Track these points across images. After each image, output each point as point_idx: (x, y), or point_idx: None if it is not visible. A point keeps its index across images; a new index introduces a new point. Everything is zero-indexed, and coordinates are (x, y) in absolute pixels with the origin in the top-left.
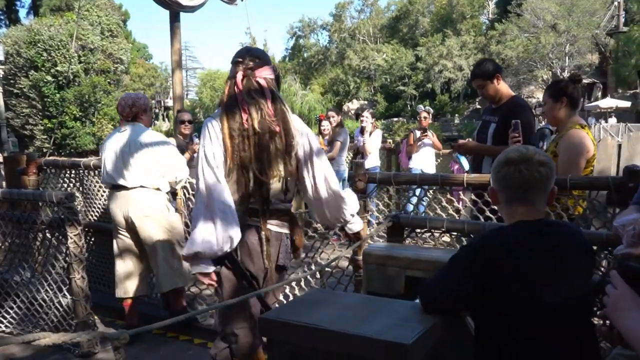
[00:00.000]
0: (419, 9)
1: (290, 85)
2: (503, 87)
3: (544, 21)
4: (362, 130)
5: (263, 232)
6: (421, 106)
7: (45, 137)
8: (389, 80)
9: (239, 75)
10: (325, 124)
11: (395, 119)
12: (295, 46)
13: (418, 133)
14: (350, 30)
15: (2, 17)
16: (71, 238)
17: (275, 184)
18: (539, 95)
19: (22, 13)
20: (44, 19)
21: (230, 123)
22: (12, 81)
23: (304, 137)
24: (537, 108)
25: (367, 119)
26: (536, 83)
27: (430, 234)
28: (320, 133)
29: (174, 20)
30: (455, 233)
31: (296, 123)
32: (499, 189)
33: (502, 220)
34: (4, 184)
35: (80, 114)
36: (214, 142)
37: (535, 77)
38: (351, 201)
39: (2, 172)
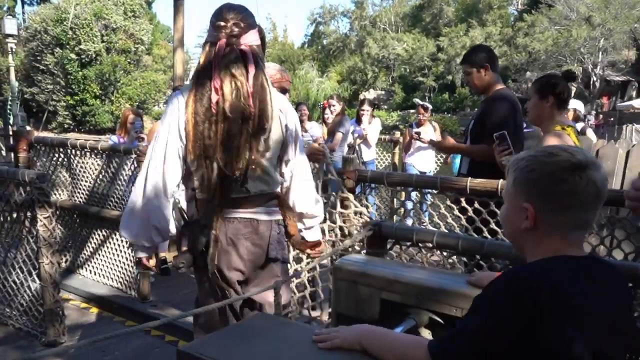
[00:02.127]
0: None
1: (307, 72)
2: (490, 79)
3: (577, 13)
4: (357, 120)
5: (213, 232)
6: (418, 100)
7: (67, 113)
8: (408, 70)
9: (221, 45)
10: (328, 112)
11: (412, 111)
12: (314, 33)
13: (415, 129)
14: (372, 18)
15: None
16: (41, 221)
17: (259, 167)
18: None
19: None
20: None
21: (197, 106)
22: (38, 57)
23: (286, 116)
24: None
25: (367, 111)
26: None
27: (418, 248)
28: (324, 121)
29: None
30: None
31: (277, 102)
32: (554, 207)
33: (487, 234)
34: (12, 156)
35: (100, 92)
36: (172, 126)
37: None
38: (320, 206)
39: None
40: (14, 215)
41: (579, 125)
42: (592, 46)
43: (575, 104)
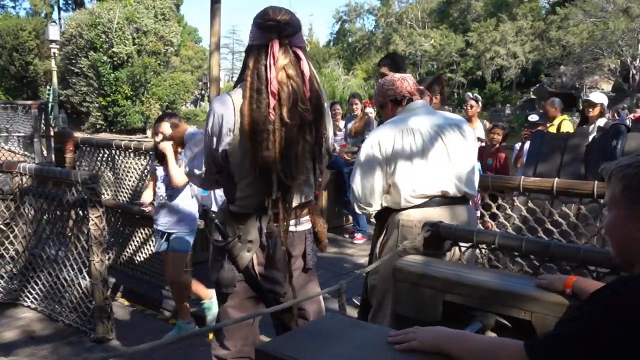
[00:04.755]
0: None
1: (333, 70)
2: None
3: (614, 5)
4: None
5: (283, 247)
6: (469, 93)
7: (99, 114)
8: (435, 66)
9: (275, 46)
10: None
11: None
12: (340, 30)
13: None
14: (398, 14)
15: (69, 2)
16: (92, 220)
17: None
18: (605, 86)
19: None
20: (104, 2)
21: (254, 114)
22: (73, 61)
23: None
24: None
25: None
26: (601, 72)
27: (478, 249)
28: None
29: (215, 1)
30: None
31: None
32: None
33: (526, 231)
34: (52, 157)
35: (131, 93)
36: (214, 139)
37: (600, 65)
38: None
39: (53, 146)
40: (65, 214)
41: (602, 121)
42: (631, 38)
43: (601, 98)
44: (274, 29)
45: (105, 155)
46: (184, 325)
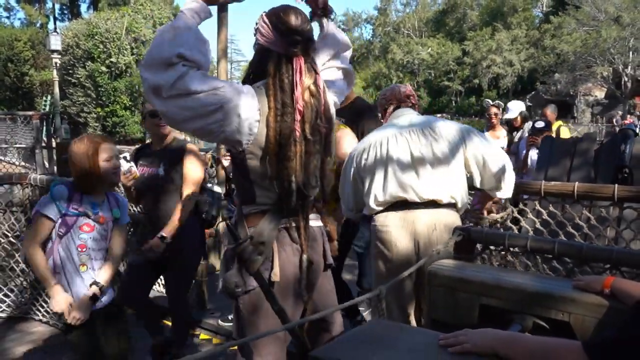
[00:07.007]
0: (467, 2)
1: None
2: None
3: (605, 14)
4: None
5: (305, 255)
6: (489, 100)
7: (97, 124)
8: (433, 75)
9: (301, 65)
10: None
11: (439, 115)
12: None
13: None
14: (395, 24)
15: (65, 12)
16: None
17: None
18: (598, 94)
19: (83, 8)
20: (102, 13)
21: (280, 126)
22: (70, 71)
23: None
24: (595, 107)
25: None
26: (594, 80)
27: (507, 252)
28: None
29: (222, 9)
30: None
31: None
32: None
33: (556, 233)
34: (55, 168)
35: (130, 103)
36: (249, 114)
37: (593, 73)
38: None
39: (55, 158)
40: None
41: (527, 125)
42: (622, 46)
43: (519, 106)
44: (299, 43)
45: None
46: None
